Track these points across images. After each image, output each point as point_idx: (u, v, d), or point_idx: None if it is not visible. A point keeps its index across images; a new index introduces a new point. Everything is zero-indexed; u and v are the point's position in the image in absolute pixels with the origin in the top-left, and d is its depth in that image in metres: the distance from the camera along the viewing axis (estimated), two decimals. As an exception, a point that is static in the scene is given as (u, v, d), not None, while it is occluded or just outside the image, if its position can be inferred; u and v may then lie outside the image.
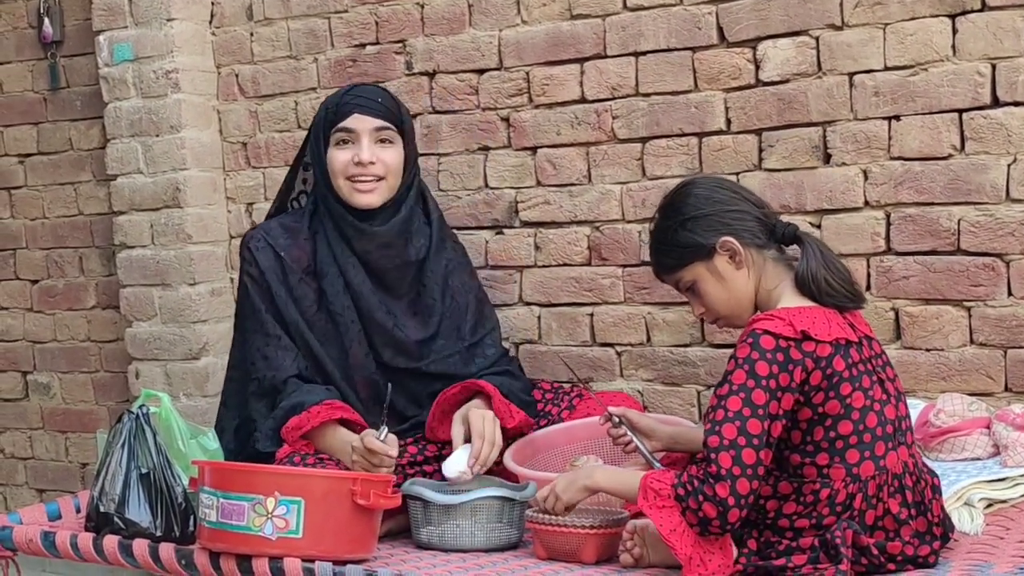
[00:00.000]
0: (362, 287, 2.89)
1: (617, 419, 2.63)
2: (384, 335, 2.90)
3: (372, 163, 2.86)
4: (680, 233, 2.32)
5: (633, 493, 2.20)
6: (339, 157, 2.87)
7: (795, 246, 2.33)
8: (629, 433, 2.61)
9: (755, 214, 2.32)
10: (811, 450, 2.18)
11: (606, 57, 3.21)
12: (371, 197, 2.88)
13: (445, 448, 2.77)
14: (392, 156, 2.90)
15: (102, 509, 2.62)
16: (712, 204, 2.32)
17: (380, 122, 2.89)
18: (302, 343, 2.87)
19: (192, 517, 2.58)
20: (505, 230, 3.39)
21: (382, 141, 2.89)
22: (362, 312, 2.90)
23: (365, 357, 2.90)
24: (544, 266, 3.36)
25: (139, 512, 2.61)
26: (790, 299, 2.26)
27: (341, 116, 2.87)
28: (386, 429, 2.58)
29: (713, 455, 2.10)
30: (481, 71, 3.39)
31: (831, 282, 2.24)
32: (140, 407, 2.69)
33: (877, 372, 2.23)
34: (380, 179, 2.88)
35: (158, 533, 2.59)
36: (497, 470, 2.75)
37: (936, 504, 2.24)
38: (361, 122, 2.87)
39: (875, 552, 2.15)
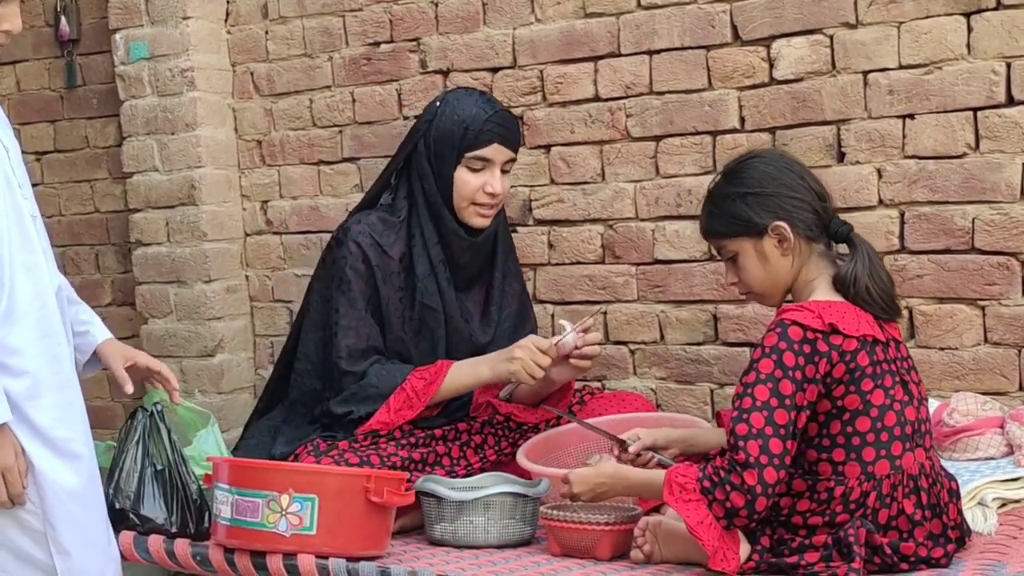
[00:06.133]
0: (448, 291, 2.91)
1: (629, 442, 2.61)
2: (461, 338, 2.94)
3: (499, 193, 2.88)
4: (737, 204, 2.29)
5: (658, 490, 2.22)
6: (471, 182, 2.85)
7: (845, 245, 2.31)
8: (648, 452, 2.59)
9: (815, 206, 2.29)
10: (827, 444, 2.18)
11: (620, 55, 3.21)
12: (487, 221, 2.91)
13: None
14: (508, 183, 2.95)
15: (117, 506, 2.62)
16: (776, 185, 2.28)
17: (512, 154, 2.91)
18: (395, 338, 2.89)
19: (207, 513, 2.59)
20: (519, 228, 3.40)
21: (505, 171, 2.91)
22: (447, 315, 2.92)
23: (443, 355, 2.93)
24: (558, 264, 3.36)
25: (154, 508, 2.62)
26: (823, 294, 2.25)
27: (482, 143, 2.84)
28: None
29: (741, 443, 2.11)
30: (495, 69, 3.40)
31: (871, 291, 2.22)
32: (155, 404, 2.70)
33: (901, 374, 2.22)
34: (497, 206, 2.92)
35: (173, 529, 2.61)
36: (510, 467, 2.76)
37: (952, 507, 2.24)
38: (499, 153, 2.86)
39: (888, 551, 2.15)
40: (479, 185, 2.85)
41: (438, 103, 2.92)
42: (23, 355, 2.24)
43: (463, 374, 2.81)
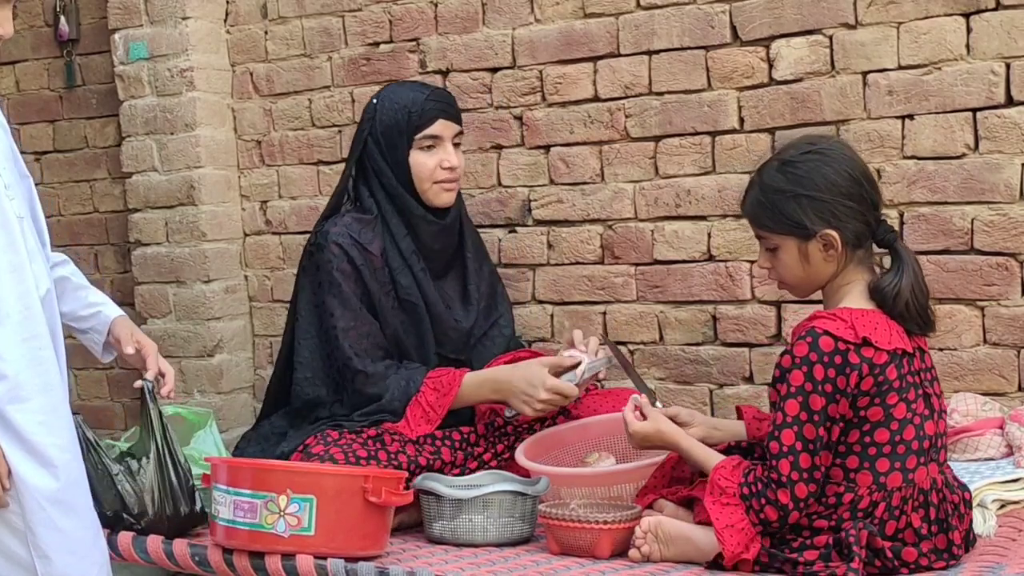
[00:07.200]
0: (424, 281, 2.94)
1: (660, 404, 2.59)
2: (447, 326, 2.96)
3: (457, 167, 2.94)
4: (790, 204, 2.23)
5: (701, 467, 2.31)
6: (427, 163, 2.90)
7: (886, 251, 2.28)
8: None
9: (867, 216, 2.24)
10: (842, 451, 2.18)
11: (619, 56, 3.21)
12: (452, 196, 2.96)
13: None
14: (462, 157, 3.00)
15: (109, 513, 2.59)
16: (834, 192, 2.22)
17: (458, 127, 2.97)
18: (391, 334, 2.91)
19: (198, 494, 2.59)
20: (518, 228, 3.40)
21: (456, 144, 2.96)
22: (428, 304, 2.94)
23: (431, 345, 2.95)
24: (557, 264, 3.36)
25: (139, 502, 2.58)
26: (856, 299, 2.22)
27: (426, 122, 2.90)
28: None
29: (774, 461, 2.15)
30: (494, 70, 3.40)
31: (911, 306, 2.20)
32: (146, 382, 2.61)
33: (924, 386, 2.21)
34: (457, 180, 2.97)
35: (168, 512, 2.58)
36: (508, 466, 2.76)
37: (967, 518, 2.23)
38: (446, 128, 2.93)
39: (889, 555, 2.15)
40: (436, 163, 2.90)
41: (375, 100, 2.98)
42: (4, 358, 2.19)
43: (480, 386, 2.81)
